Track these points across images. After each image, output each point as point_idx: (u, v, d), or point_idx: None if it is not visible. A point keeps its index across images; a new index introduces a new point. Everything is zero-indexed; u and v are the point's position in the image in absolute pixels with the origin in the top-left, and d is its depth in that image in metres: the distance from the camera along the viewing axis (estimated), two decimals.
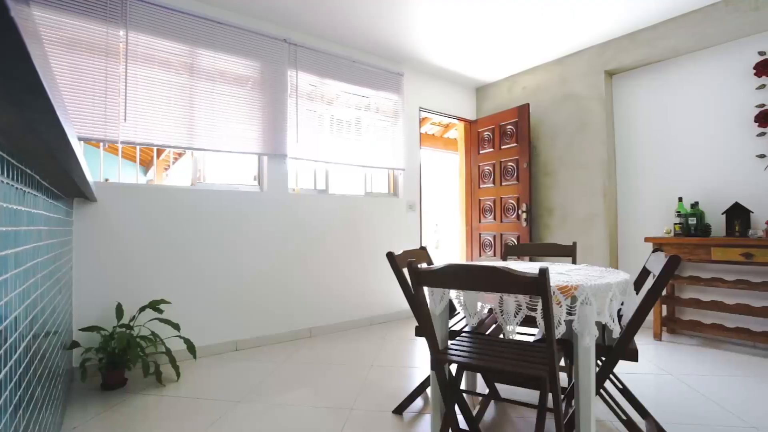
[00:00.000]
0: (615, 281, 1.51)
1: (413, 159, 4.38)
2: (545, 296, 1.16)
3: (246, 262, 3.26)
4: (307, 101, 3.64)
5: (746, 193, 3.18)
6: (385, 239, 4.11)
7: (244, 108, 3.27)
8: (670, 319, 3.47)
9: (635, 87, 3.85)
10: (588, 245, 3.93)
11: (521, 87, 4.57)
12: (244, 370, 2.72)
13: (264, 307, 3.34)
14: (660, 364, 2.79)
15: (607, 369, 1.61)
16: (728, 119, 3.28)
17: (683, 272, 3.50)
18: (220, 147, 3.16)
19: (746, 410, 2.07)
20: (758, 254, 2.86)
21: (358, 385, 2.45)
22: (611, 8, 3.24)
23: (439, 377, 1.50)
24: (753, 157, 3.16)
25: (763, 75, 3.07)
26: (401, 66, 4.30)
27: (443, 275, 1.31)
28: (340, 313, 3.78)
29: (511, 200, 4.37)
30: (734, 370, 2.65)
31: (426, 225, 9.82)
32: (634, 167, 3.85)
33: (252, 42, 3.30)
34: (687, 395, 2.27)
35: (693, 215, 3.29)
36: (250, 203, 3.31)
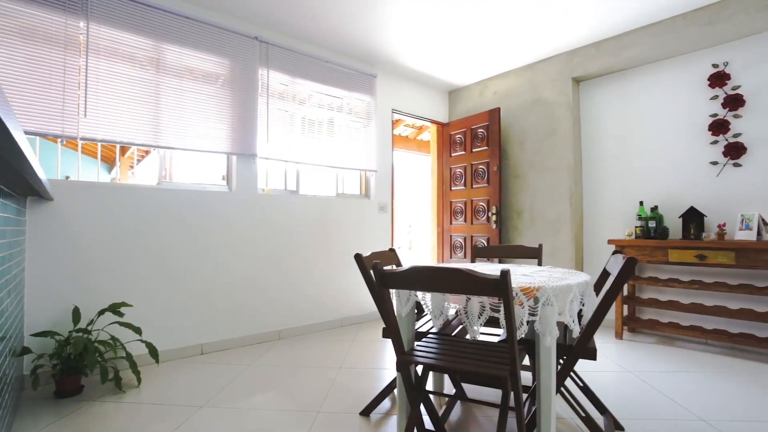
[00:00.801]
0: (575, 282, 1.55)
1: (385, 160, 4.39)
2: (506, 297, 1.18)
3: (214, 263, 3.19)
4: (278, 100, 3.59)
5: (701, 197, 3.35)
6: (356, 240, 4.10)
7: (213, 106, 3.20)
8: (630, 319, 3.60)
9: (601, 94, 3.99)
10: (555, 247, 4.04)
11: (493, 91, 4.65)
12: (209, 374, 2.66)
13: (232, 309, 3.27)
14: (620, 361, 2.89)
15: (567, 368, 1.65)
16: (685, 127, 3.44)
17: (643, 273, 3.65)
18: (188, 145, 3.07)
19: (696, 404, 2.17)
20: (710, 256, 3.01)
21: (326, 387, 2.43)
22: (578, 17, 3.34)
23: (404, 378, 1.51)
24: (707, 164, 3.33)
25: (716, 86, 3.24)
26: (374, 67, 4.31)
27: (407, 277, 1.32)
28: (310, 315, 3.74)
29: (482, 202, 4.44)
30: (687, 366, 2.78)
31: (399, 226, 9.89)
32: (599, 172, 3.98)
33: (222, 39, 3.23)
34: (644, 391, 2.36)
35: (652, 219, 3.43)
36: (218, 203, 3.24)
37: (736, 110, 3.16)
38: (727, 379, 2.53)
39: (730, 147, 3.18)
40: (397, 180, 7.70)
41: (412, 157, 7.40)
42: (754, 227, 2.92)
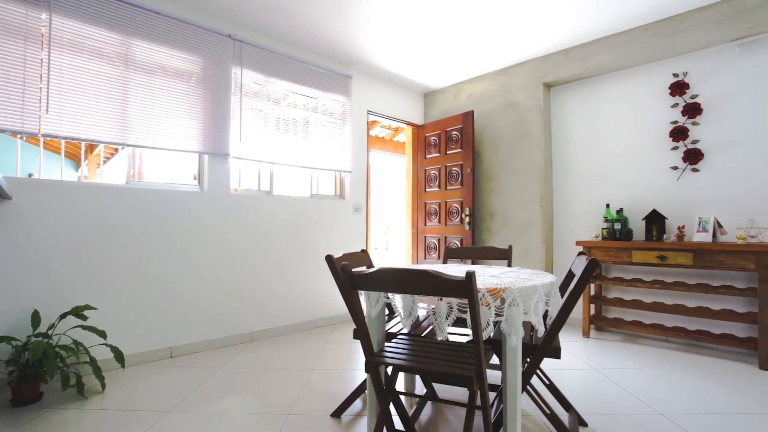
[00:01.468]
0: (541, 283, 1.60)
1: (360, 161, 4.39)
2: (471, 299, 1.21)
3: (184, 264, 3.12)
4: (252, 100, 3.55)
5: (663, 200, 3.49)
6: (330, 241, 4.09)
7: (184, 104, 3.13)
8: (597, 317, 3.73)
9: (570, 99, 4.11)
10: (526, 248, 4.14)
11: (467, 94, 4.72)
12: (178, 378, 2.60)
13: (203, 312, 3.20)
14: (586, 359, 2.99)
15: (533, 366, 1.70)
16: (648, 133, 3.58)
17: (609, 273, 3.78)
18: (157, 144, 2.99)
19: (655, 398, 2.27)
20: (670, 257, 3.15)
21: (298, 389, 2.41)
22: (549, 25, 3.44)
23: (373, 379, 1.52)
24: (668, 169, 3.48)
25: (677, 95, 3.39)
26: (350, 68, 4.31)
27: (375, 279, 1.33)
28: (283, 317, 3.71)
29: (456, 204, 4.50)
30: (649, 362, 2.90)
31: (376, 227, 9.89)
32: (568, 175, 4.10)
33: (193, 36, 3.17)
34: (607, 387, 2.45)
35: (618, 221, 3.56)
36: (189, 203, 3.17)
37: (695, 118, 3.32)
38: (685, 374, 2.65)
39: (688, 153, 3.33)
40: (373, 181, 7.71)
41: (388, 158, 7.43)
42: (709, 229, 3.07)
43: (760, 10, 2.92)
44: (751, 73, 3.10)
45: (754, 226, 3.04)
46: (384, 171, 8.89)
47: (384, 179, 9.01)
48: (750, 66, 3.10)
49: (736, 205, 3.15)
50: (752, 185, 3.09)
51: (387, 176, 8.95)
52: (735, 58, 3.16)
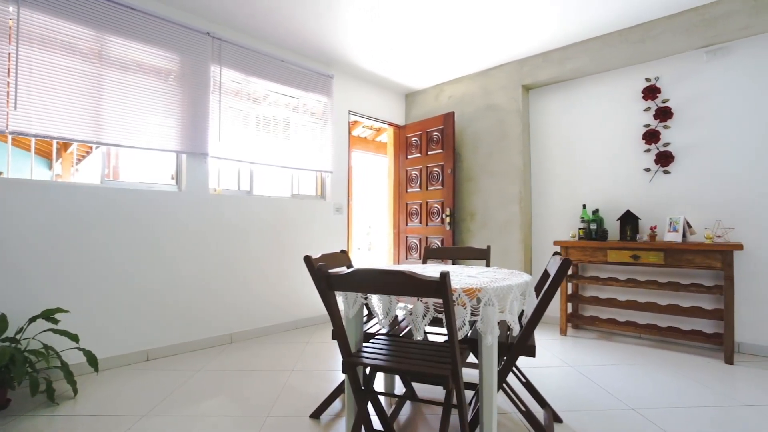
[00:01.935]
0: (516, 283, 1.63)
1: (342, 161, 4.39)
2: (446, 299, 1.23)
3: (162, 265, 3.06)
4: (231, 99, 3.51)
5: (636, 201, 3.60)
6: (311, 242, 4.07)
7: (161, 102, 3.07)
8: (574, 316, 3.81)
9: (548, 102, 4.19)
10: (505, 248, 4.20)
11: (448, 96, 4.77)
12: (154, 382, 2.55)
13: (181, 313, 3.15)
14: (563, 357, 3.05)
15: (508, 365, 1.73)
16: (623, 136, 3.68)
17: (586, 273, 3.87)
18: (134, 143, 2.93)
19: (627, 394, 2.34)
20: (643, 256, 3.25)
21: (277, 391, 2.40)
22: (528, 28, 3.49)
23: (350, 379, 1.52)
24: (641, 171, 3.58)
25: (649, 99, 3.49)
26: (331, 68, 4.30)
27: (352, 280, 1.33)
28: (263, 317, 3.68)
29: (437, 204, 4.54)
30: (622, 359, 2.98)
31: (359, 227, 9.88)
32: (546, 176, 4.18)
33: (171, 33, 3.11)
34: (583, 384, 2.51)
35: (594, 221, 3.64)
36: (166, 203, 3.11)
37: (666, 121, 3.43)
38: (656, 370, 2.73)
39: (660, 155, 3.44)
40: (356, 181, 7.71)
41: (371, 159, 7.43)
42: (680, 229, 3.18)
43: (724, 20, 3.04)
44: (717, 79, 3.22)
45: (720, 227, 3.15)
46: (367, 171, 8.89)
47: (367, 179, 9.01)
48: (716, 72, 3.22)
49: (705, 206, 3.26)
50: (719, 187, 3.20)
51: (370, 176, 8.96)
52: (703, 65, 3.28)
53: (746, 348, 3.08)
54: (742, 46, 3.13)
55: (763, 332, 3.01)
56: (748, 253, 3.07)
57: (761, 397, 2.29)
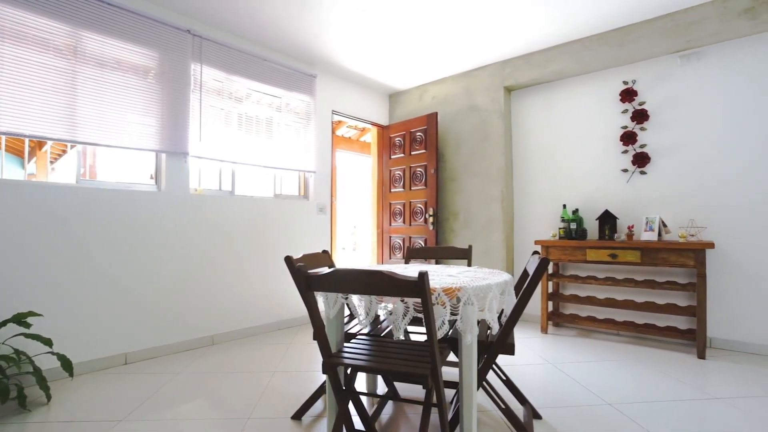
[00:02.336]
0: (495, 282, 1.65)
1: (325, 161, 4.37)
2: (425, 298, 1.24)
3: (141, 267, 3.00)
4: (213, 97, 3.46)
5: (614, 201, 3.68)
6: (294, 242, 4.05)
7: (140, 100, 3.01)
8: (554, 314, 3.87)
9: (530, 103, 4.25)
10: (488, 247, 4.25)
11: (431, 96, 4.79)
12: (132, 385, 2.50)
13: (161, 315, 3.10)
14: (544, 354, 3.10)
15: (488, 363, 1.75)
16: (602, 137, 3.76)
17: (566, 271, 3.94)
18: (111, 142, 2.87)
19: (604, 390, 2.39)
20: (621, 255, 3.32)
21: (259, 393, 2.38)
22: (509, 30, 3.54)
23: (331, 380, 1.52)
24: (619, 171, 3.66)
25: (626, 101, 3.58)
26: (314, 67, 4.28)
27: (331, 280, 1.33)
28: (245, 319, 3.64)
29: (420, 204, 4.56)
30: (601, 355, 3.04)
31: (344, 227, 9.85)
32: (528, 176, 4.24)
33: (149, 30, 3.05)
34: (562, 381, 2.56)
35: (574, 221, 3.71)
36: (145, 203, 3.06)
37: (642, 123, 3.51)
38: (632, 366, 2.80)
39: (637, 156, 3.52)
40: (340, 181, 7.68)
41: (355, 159, 7.42)
42: (655, 228, 3.26)
43: (696, 26, 3.13)
44: (690, 83, 3.32)
45: (693, 226, 3.25)
46: (351, 171, 8.87)
47: (351, 179, 9.00)
48: (690, 76, 3.32)
49: (679, 206, 3.36)
50: (692, 187, 3.30)
51: (354, 176, 8.94)
52: (677, 69, 3.37)
53: (717, 343, 3.18)
54: (713, 51, 3.23)
55: (733, 327, 3.12)
56: (719, 251, 3.17)
57: (730, 390, 2.37)
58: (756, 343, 3.03)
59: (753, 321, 3.05)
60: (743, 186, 3.10)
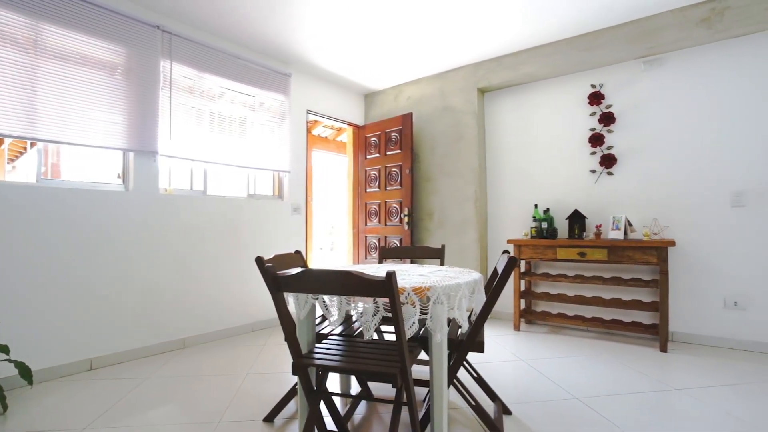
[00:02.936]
0: (464, 281, 1.68)
1: (300, 161, 4.34)
2: (392, 298, 1.25)
3: (107, 268, 2.91)
4: (183, 95, 3.38)
5: (583, 201, 3.79)
6: (268, 242, 4.00)
7: (106, 97, 2.92)
8: (527, 311, 3.96)
9: (502, 105, 4.33)
10: (462, 247, 4.31)
11: (406, 97, 4.82)
12: (97, 392, 2.42)
13: (129, 319, 3.01)
14: (516, 351, 3.17)
15: (458, 361, 1.78)
16: (571, 138, 3.86)
17: (538, 270, 4.03)
18: (75, 140, 2.77)
19: (572, 384, 2.46)
20: (589, 253, 3.42)
21: (230, 396, 2.34)
22: (482, 33, 3.59)
23: (302, 380, 1.52)
24: (588, 172, 3.77)
25: (594, 104, 3.69)
26: (289, 66, 4.24)
27: (300, 280, 1.33)
28: (218, 321, 3.58)
29: (395, 204, 4.58)
30: (570, 351, 3.13)
31: (321, 227, 9.78)
32: (501, 176, 4.32)
33: (116, 24, 2.96)
34: (532, 377, 2.62)
35: (545, 220, 3.80)
36: (112, 204, 2.96)
37: (609, 126, 3.63)
38: (599, 361, 2.89)
39: (604, 158, 3.64)
40: (317, 181, 7.63)
41: (332, 158, 7.39)
42: (621, 227, 3.38)
43: (658, 33, 3.26)
44: (653, 88, 3.45)
45: (656, 224, 3.38)
46: (328, 171, 8.83)
47: (328, 179, 8.95)
48: (653, 81, 3.45)
49: (643, 205, 3.49)
50: (655, 187, 3.43)
51: (331, 176, 8.90)
52: (641, 74, 3.50)
53: (679, 336, 3.32)
54: (675, 57, 3.37)
55: (693, 321, 3.26)
56: (680, 248, 3.31)
57: (689, 381, 2.48)
58: (714, 336, 3.18)
59: (711, 315, 3.20)
60: (701, 186, 3.25)
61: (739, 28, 3.01)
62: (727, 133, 3.16)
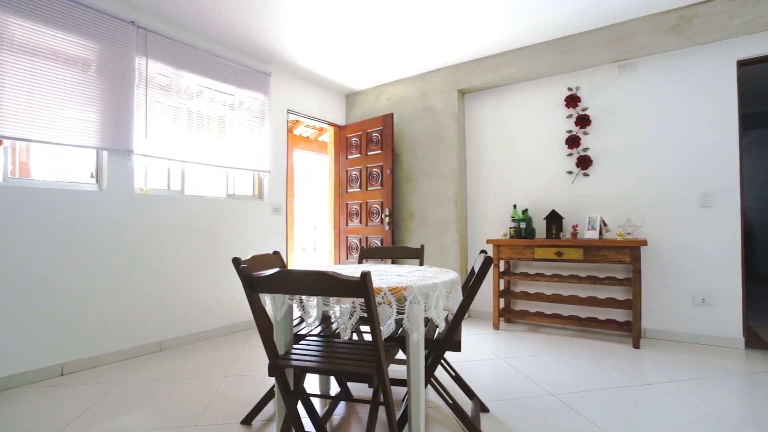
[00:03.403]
0: (441, 281, 1.69)
1: (280, 161, 4.30)
2: (368, 298, 1.25)
3: (80, 271, 2.83)
4: (160, 93, 3.32)
5: (561, 202, 3.86)
6: (248, 243, 3.96)
7: (79, 94, 2.84)
8: (506, 310, 4.02)
9: (482, 106, 4.38)
10: (443, 247, 4.34)
11: (387, 97, 4.84)
12: (68, 398, 2.35)
13: (103, 322, 2.93)
14: (495, 350, 3.21)
15: (435, 360, 1.79)
16: (549, 140, 3.94)
17: (516, 269, 4.10)
18: (45, 137, 2.68)
19: (549, 381, 2.51)
20: (566, 252, 3.50)
21: (208, 399, 2.31)
22: (463, 35, 3.63)
23: (279, 382, 1.51)
24: (565, 173, 3.85)
25: (571, 107, 3.77)
26: (269, 65, 4.20)
27: (275, 281, 1.32)
28: (197, 323, 3.52)
29: (376, 204, 4.59)
30: (547, 349, 3.19)
31: (304, 227, 9.71)
32: (480, 177, 4.37)
33: (88, 18, 2.88)
34: (510, 375, 2.66)
35: (523, 220, 3.86)
36: (85, 204, 2.88)
37: (585, 128, 3.72)
38: (575, 358, 2.96)
39: (581, 159, 3.72)
40: (299, 181, 7.57)
41: (313, 158, 7.34)
42: (597, 227, 3.46)
43: (631, 38, 3.36)
44: (627, 92, 3.55)
45: (630, 224, 3.48)
46: (310, 171, 8.77)
47: (310, 179, 8.89)
48: (626, 85, 3.55)
49: (617, 206, 3.58)
50: (628, 188, 3.53)
51: (313, 176, 8.84)
52: (615, 78, 3.60)
53: (651, 333, 3.42)
54: (647, 62, 3.47)
55: (664, 318, 3.37)
56: (652, 247, 3.41)
57: (658, 376, 2.56)
58: (683, 332, 3.29)
59: (680, 312, 3.30)
60: (671, 187, 3.35)
61: (705, 36, 3.12)
62: (694, 135, 3.27)
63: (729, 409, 2.12)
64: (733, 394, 2.31)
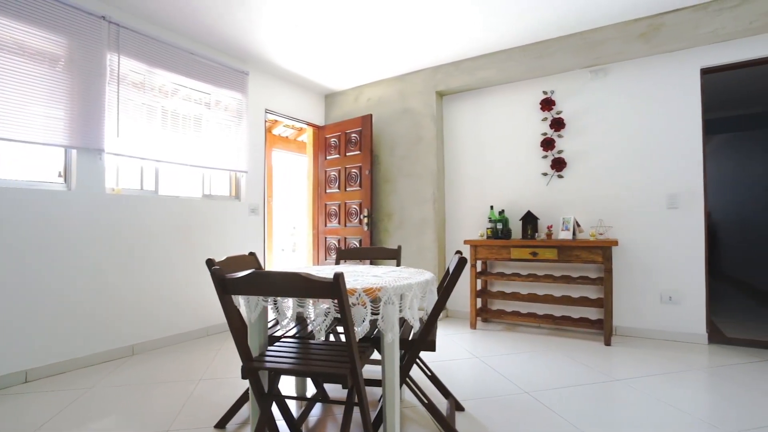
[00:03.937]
0: (416, 282, 1.71)
1: (258, 161, 4.26)
2: (341, 298, 1.25)
3: (46, 274, 2.73)
4: (132, 91, 3.24)
5: (536, 203, 3.94)
6: (225, 244, 3.90)
7: (45, 90, 2.74)
8: (483, 310, 4.07)
9: (460, 108, 4.43)
10: (421, 247, 4.37)
11: (366, 98, 4.84)
12: (32, 406, 2.27)
13: (71, 326, 2.84)
14: (471, 349, 3.25)
15: (410, 360, 1.81)
16: (525, 142, 4.01)
17: (493, 269, 4.16)
18: (8, 135, 2.58)
19: (524, 380, 2.56)
20: (541, 252, 3.57)
21: (181, 403, 2.27)
22: (442, 38, 3.67)
23: (252, 384, 1.50)
24: (540, 175, 3.93)
25: (546, 110, 3.86)
26: (247, 64, 4.15)
27: (248, 282, 1.31)
28: (170, 326, 3.44)
29: (355, 205, 4.59)
30: (523, 347, 3.25)
31: (283, 228, 9.61)
32: (458, 178, 4.42)
33: (56, 12, 2.78)
34: (486, 373, 2.70)
35: (500, 221, 3.93)
36: (52, 204, 2.79)
37: (559, 131, 3.81)
38: (549, 356, 3.02)
39: (555, 161, 3.81)
40: (278, 181, 7.50)
41: (293, 158, 7.29)
42: (571, 228, 3.55)
43: (602, 45, 3.46)
44: (598, 96, 3.65)
45: (602, 225, 3.58)
46: (290, 171, 8.69)
47: (290, 179, 8.81)
48: (598, 90, 3.65)
49: (590, 207, 3.68)
50: (600, 190, 3.63)
51: (293, 176, 8.77)
52: (588, 82, 3.70)
53: (622, 330, 3.53)
54: (618, 68, 3.58)
55: (634, 316, 3.48)
56: (623, 247, 3.52)
57: (628, 372, 2.64)
58: (652, 329, 3.40)
59: (649, 310, 3.42)
60: (640, 189, 3.47)
61: (672, 44, 3.24)
62: (661, 139, 3.40)
63: (694, 402, 2.21)
64: (698, 387, 2.40)
